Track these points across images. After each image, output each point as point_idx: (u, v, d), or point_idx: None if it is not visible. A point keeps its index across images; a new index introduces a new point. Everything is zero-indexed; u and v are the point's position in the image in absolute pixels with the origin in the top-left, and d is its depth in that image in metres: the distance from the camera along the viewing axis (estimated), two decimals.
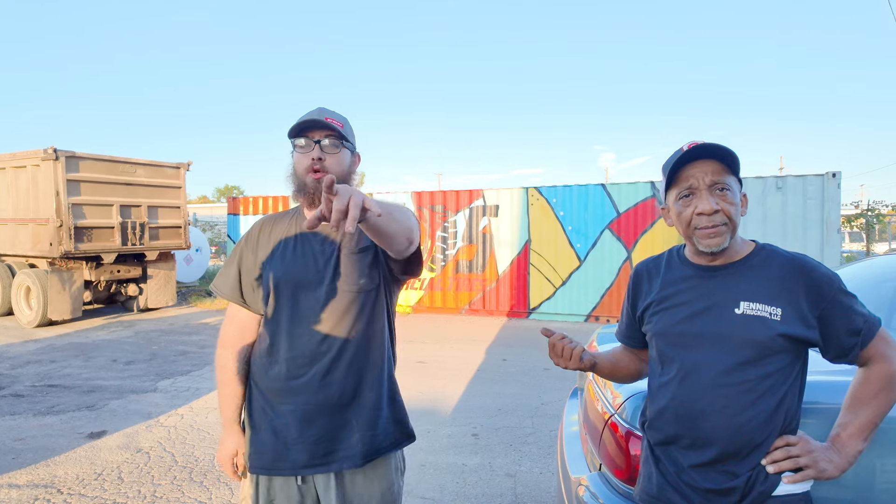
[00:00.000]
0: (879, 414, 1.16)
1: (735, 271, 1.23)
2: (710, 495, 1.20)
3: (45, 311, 8.23)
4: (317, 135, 1.44)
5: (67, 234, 8.03)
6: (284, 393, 1.45)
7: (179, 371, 5.79)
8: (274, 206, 10.98)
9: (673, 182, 1.24)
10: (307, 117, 1.44)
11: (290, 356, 1.44)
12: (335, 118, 1.46)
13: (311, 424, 1.43)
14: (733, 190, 1.20)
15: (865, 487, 1.37)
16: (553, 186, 9.24)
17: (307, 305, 1.44)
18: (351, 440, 1.44)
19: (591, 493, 1.65)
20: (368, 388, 1.47)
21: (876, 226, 14.92)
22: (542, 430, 4.07)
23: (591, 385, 2.05)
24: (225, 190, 46.52)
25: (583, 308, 9.01)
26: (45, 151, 7.93)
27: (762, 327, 1.16)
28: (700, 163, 1.20)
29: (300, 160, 1.45)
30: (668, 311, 1.28)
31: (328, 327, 1.43)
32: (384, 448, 1.48)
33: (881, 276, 2.37)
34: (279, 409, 1.47)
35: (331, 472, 1.44)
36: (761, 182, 8.14)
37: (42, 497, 3.02)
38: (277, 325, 1.47)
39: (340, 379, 1.43)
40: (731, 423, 1.17)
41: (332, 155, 1.44)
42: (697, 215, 1.19)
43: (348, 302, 1.44)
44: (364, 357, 1.47)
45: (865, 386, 1.18)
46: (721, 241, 1.19)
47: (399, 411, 1.54)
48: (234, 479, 1.57)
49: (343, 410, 1.44)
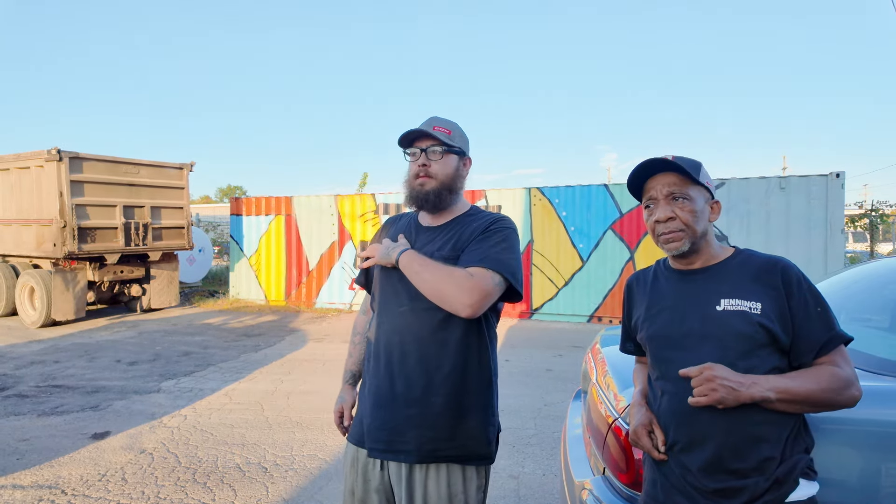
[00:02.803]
0: (807, 389, 1.15)
1: (714, 273, 1.30)
2: (716, 497, 1.20)
3: (48, 311, 8.25)
4: (424, 143, 1.56)
5: (71, 235, 8.05)
6: (368, 374, 1.60)
7: (183, 372, 5.80)
8: (277, 206, 10.99)
9: (641, 195, 1.37)
10: (413, 129, 1.57)
11: (374, 341, 1.57)
12: (443, 126, 1.57)
13: (379, 410, 1.52)
14: (692, 198, 1.29)
15: (871, 490, 1.36)
16: (555, 187, 9.23)
17: (392, 297, 1.54)
18: (407, 435, 1.47)
19: (595, 496, 1.65)
20: (436, 392, 1.47)
21: (880, 226, 14.83)
22: (546, 431, 4.06)
23: (594, 388, 2.04)
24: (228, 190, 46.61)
25: (585, 309, 9.00)
26: (48, 152, 7.95)
27: (744, 320, 1.21)
28: (659, 176, 1.31)
29: (409, 168, 1.60)
30: (655, 316, 1.35)
31: (404, 323, 1.50)
32: (444, 456, 1.47)
33: (885, 278, 2.36)
34: (365, 389, 1.61)
35: (396, 461, 1.49)
36: (765, 182, 8.12)
37: (46, 498, 3.03)
38: (374, 312, 1.63)
39: (407, 373, 1.48)
40: (723, 417, 1.18)
41: (436, 161, 1.55)
42: (656, 223, 1.30)
43: (429, 307, 1.46)
44: (435, 360, 1.47)
45: (813, 370, 1.19)
46: (678, 244, 1.28)
47: (476, 428, 1.50)
48: (339, 431, 1.73)
49: (408, 405, 1.48)
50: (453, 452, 1.48)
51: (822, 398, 1.16)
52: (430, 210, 1.59)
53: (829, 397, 1.16)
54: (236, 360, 6.39)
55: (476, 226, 1.55)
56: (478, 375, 1.52)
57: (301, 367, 6.05)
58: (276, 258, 10.98)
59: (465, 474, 1.50)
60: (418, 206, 1.58)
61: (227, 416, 4.38)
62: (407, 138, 1.57)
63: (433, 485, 1.47)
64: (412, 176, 1.57)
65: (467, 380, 1.49)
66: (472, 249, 1.48)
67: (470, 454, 1.50)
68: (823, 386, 1.15)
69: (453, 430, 1.47)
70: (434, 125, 1.56)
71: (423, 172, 1.54)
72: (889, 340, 2.04)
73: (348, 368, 1.78)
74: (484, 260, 1.45)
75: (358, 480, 1.56)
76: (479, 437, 1.51)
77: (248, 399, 4.85)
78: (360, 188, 16.19)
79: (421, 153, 1.55)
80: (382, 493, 1.53)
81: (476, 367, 1.51)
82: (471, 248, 1.49)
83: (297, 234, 10.85)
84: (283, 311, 10.39)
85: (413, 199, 1.58)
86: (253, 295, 11.15)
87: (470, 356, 1.50)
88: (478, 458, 1.51)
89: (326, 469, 3.42)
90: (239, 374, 5.74)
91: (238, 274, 11.34)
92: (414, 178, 1.56)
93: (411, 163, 1.58)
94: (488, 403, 1.55)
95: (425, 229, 1.61)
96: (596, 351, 2.33)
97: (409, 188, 1.58)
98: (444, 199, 1.57)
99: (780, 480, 1.16)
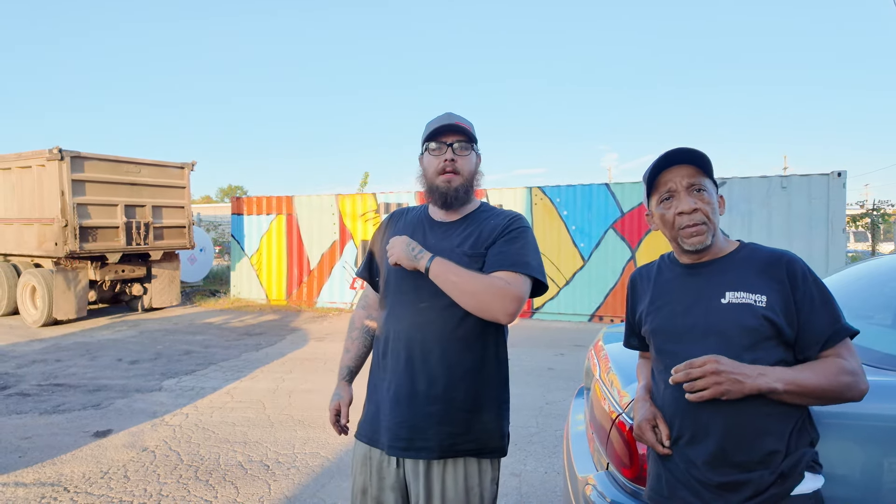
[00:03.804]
0: (815, 381, 1.14)
1: (719, 266, 1.29)
2: (721, 490, 1.20)
3: (50, 310, 8.25)
4: (449, 138, 1.52)
5: (72, 234, 8.06)
6: (383, 370, 1.56)
7: (184, 370, 5.80)
8: (278, 206, 11.00)
9: (654, 189, 1.33)
10: (439, 122, 1.52)
11: (391, 338, 1.53)
12: (463, 121, 1.54)
13: (398, 407, 1.49)
14: (709, 191, 1.29)
15: (874, 484, 1.36)
16: (556, 186, 9.23)
17: (410, 293, 1.51)
18: (429, 432, 1.46)
19: (599, 492, 1.65)
20: (456, 387, 1.47)
21: (881, 225, 14.83)
22: (548, 429, 4.06)
23: (597, 384, 2.04)
24: (228, 190, 46.64)
25: (586, 308, 9.00)
26: (50, 151, 7.96)
27: (749, 313, 1.20)
28: (676, 168, 1.29)
29: (431, 162, 1.54)
30: (660, 309, 1.35)
31: (425, 320, 1.48)
32: (462, 450, 1.48)
33: (886, 275, 2.36)
34: (380, 385, 1.57)
35: (415, 459, 1.48)
36: (766, 182, 8.12)
37: (49, 495, 3.03)
38: (385, 307, 1.59)
39: (429, 371, 1.47)
40: (727, 410, 1.18)
41: (462, 157, 1.52)
42: (678, 215, 1.28)
43: (447, 304, 1.44)
44: (456, 356, 1.47)
45: (820, 363, 1.18)
46: (703, 238, 1.26)
47: (491, 422, 1.51)
48: (335, 429, 1.69)
49: (428, 402, 1.47)
50: (470, 446, 1.48)
51: (829, 390, 1.15)
52: (454, 207, 1.55)
53: (835, 389, 1.15)
54: (237, 358, 6.39)
55: (494, 224, 1.53)
56: (495, 370, 1.54)
57: (302, 366, 6.05)
58: (278, 258, 10.99)
59: (481, 467, 1.51)
60: (445, 203, 1.54)
61: (229, 415, 4.38)
62: (437, 132, 1.51)
63: (451, 479, 1.47)
64: (436, 171, 1.52)
65: (485, 375, 1.51)
66: (500, 252, 1.46)
67: (484, 447, 1.51)
68: (830, 378, 1.15)
69: (470, 424, 1.48)
70: (456, 120, 1.52)
71: (451, 168, 1.50)
72: (891, 336, 2.04)
73: (345, 364, 1.75)
74: (515, 265, 1.44)
75: (372, 479, 1.54)
76: (494, 431, 1.52)
77: (249, 397, 4.85)
78: (361, 188, 16.21)
79: (447, 148, 1.51)
80: (398, 491, 1.52)
81: (494, 362, 1.53)
82: (496, 250, 1.47)
83: (298, 233, 10.85)
84: (284, 310, 10.40)
85: (440, 195, 1.52)
86: (254, 294, 11.16)
87: (487, 352, 1.51)
88: (492, 451, 1.53)
89: (329, 467, 3.42)
90: (240, 372, 5.74)
91: (239, 273, 11.35)
92: (439, 173, 1.51)
93: (435, 157, 1.52)
94: (503, 398, 1.56)
95: (438, 224, 1.58)
96: (599, 348, 2.33)
97: (434, 184, 1.53)
98: (468, 195, 1.56)
99: (786, 474, 1.16)
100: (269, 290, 11.05)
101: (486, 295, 1.39)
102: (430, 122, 1.58)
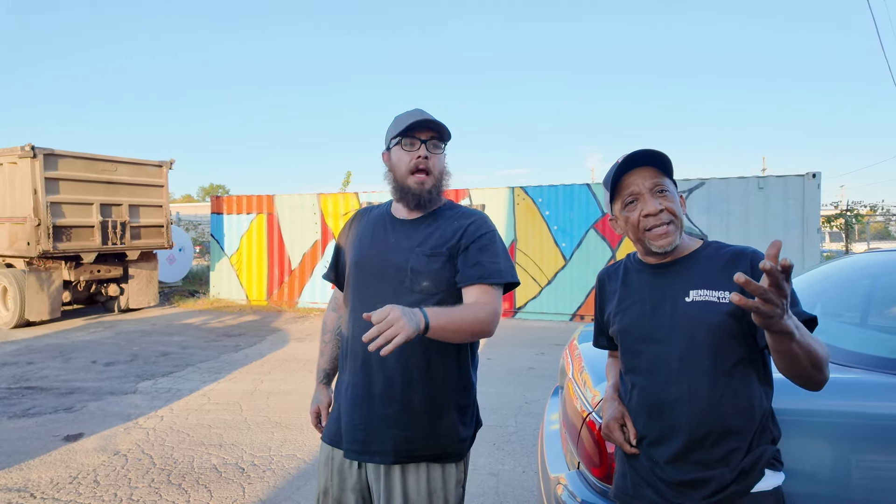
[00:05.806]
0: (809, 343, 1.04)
1: (684, 265, 1.29)
2: (682, 488, 1.20)
3: (22, 311, 8.06)
4: (423, 135, 1.47)
5: (45, 234, 7.87)
6: (343, 372, 1.56)
7: (160, 372, 5.70)
8: (258, 205, 10.88)
9: (616, 193, 1.31)
10: (413, 117, 1.46)
11: (350, 339, 1.52)
12: (434, 118, 1.48)
13: (355, 408, 1.48)
14: (671, 191, 1.29)
15: (834, 482, 1.38)
16: (539, 186, 9.26)
17: (372, 293, 1.47)
18: (384, 436, 1.44)
19: (570, 491, 1.65)
20: (413, 390, 1.44)
21: (855, 226, 15.18)
22: (526, 428, 4.07)
23: (570, 384, 2.04)
24: (210, 189, 46.08)
25: (568, 307, 9.05)
26: (22, 149, 7.77)
27: (712, 311, 1.20)
28: (638, 170, 1.28)
29: (402, 158, 1.47)
30: (628, 310, 1.35)
31: None
32: (420, 456, 1.44)
33: (857, 273, 2.41)
34: (340, 386, 1.56)
35: (372, 462, 1.46)
36: (743, 182, 8.24)
37: (15, 501, 2.95)
38: (349, 307, 1.55)
39: (387, 373, 1.44)
40: (693, 409, 1.19)
41: (434, 156, 1.48)
42: (644, 217, 1.27)
43: (410, 302, 1.39)
44: (415, 358, 1.44)
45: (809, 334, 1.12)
46: (672, 239, 1.26)
47: (450, 427, 1.47)
48: (319, 431, 1.69)
49: (385, 404, 1.44)
50: (427, 452, 1.46)
51: (815, 358, 1.05)
52: (423, 208, 1.51)
53: (817, 363, 1.06)
54: (216, 360, 6.30)
55: (458, 225, 1.48)
56: (456, 374, 1.50)
57: (282, 367, 5.98)
58: (258, 257, 10.86)
59: (445, 470, 1.48)
60: (417, 204, 1.48)
61: (205, 417, 4.31)
62: (412, 127, 1.44)
63: (413, 482, 1.45)
64: (409, 169, 1.45)
65: (446, 378, 1.48)
66: (475, 264, 1.43)
67: (443, 453, 1.48)
68: (818, 347, 1.07)
69: (429, 428, 1.45)
70: (430, 116, 1.47)
71: (424, 166, 1.45)
72: (858, 334, 2.07)
73: (321, 367, 1.75)
74: (490, 276, 1.42)
75: (333, 480, 1.53)
76: (453, 436, 1.49)
77: (226, 399, 4.78)
78: (343, 187, 16.11)
79: (421, 144, 1.45)
80: (359, 493, 1.50)
81: (454, 365, 1.50)
82: (470, 261, 1.43)
83: (279, 233, 10.74)
84: (264, 310, 10.28)
85: (414, 197, 1.47)
86: (234, 295, 11.02)
87: (448, 354, 1.48)
88: (450, 456, 1.50)
89: (305, 469, 3.38)
90: (218, 374, 5.66)
91: (219, 273, 11.19)
92: (411, 171, 1.45)
93: (407, 153, 1.46)
94: (464, 402, 1.53)
95: (401, 222, 1.54)
96: (573, 347, 2.34)
97: (405, 184, 1.47)
98: (440, 196, 1.52)
99: (746, 471, 1.17)
100: (250, 290, 10.92)
101: (475, 327, 1.35)
102: (399, 116, 1.53)
